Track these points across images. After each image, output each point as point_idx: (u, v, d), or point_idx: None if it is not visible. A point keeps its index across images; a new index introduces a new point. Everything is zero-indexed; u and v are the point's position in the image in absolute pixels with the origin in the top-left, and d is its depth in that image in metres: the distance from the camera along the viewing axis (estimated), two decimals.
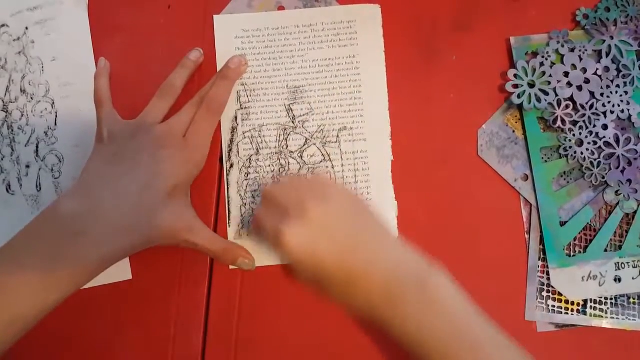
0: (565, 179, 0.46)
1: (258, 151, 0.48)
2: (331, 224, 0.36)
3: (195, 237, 0.43)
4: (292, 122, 0.48)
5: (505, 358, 0.34)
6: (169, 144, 0.44)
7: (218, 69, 0.48)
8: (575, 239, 0.46)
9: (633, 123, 0.46)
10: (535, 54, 0.48)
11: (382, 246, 0.37)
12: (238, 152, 0.48)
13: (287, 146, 0.48)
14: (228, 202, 0.47)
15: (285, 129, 0.48)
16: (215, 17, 0.50)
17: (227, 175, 0.47)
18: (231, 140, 0.48)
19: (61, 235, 0.39)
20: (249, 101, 0.48)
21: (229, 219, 0.47)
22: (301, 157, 0.47)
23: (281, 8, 0.50)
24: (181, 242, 0.43)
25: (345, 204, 0.38)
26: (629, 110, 0.46)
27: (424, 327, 0.34)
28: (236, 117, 0.48)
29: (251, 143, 0.48)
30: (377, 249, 0.36)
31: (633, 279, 0.45)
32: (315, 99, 0.48)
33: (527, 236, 0.46)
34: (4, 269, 0.38)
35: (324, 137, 0.47)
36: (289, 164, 0.47)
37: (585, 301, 0.45)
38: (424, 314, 0.34)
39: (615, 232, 0.46)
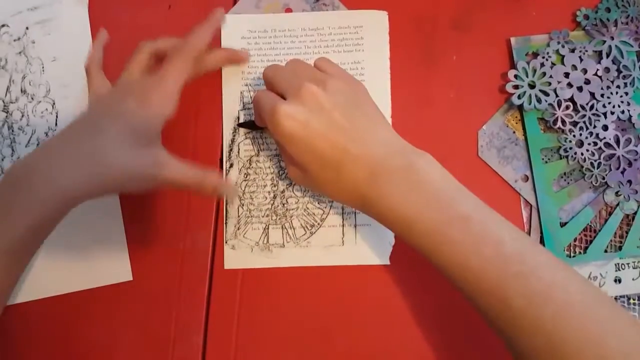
0: (565, 180, 0.46)
1: (259, 152, 0.48)
2: (327, 105, 0.37)
3: (164, 170, 0.40)
4: None
5: (493, 226, 0.35)
6: (123, 89, 0.44)
7: (222, 68, 0.49)
8: (575, 240, 0.46)
9: (633, 124, 0.46)
10: (535, 55, 0.48)
11: (374, 130, 0.38)
12: (239, 152, 0.48)
13: None
14: (225, 202, 0.47)
15: None
16: None
17: (226, 175, 0.47)
18: (232, 140, 0.48)
19: (11, 184, 0.37)
20: (251, 102, 0.48)
21: (226, 219, 0.47)
22: None
23: (288, 10, 0.50)
24: (150, 180, 0.40)
25: (343, 86, 0.39)
26: (629, 111, 0.46)
27: (409, 202, 0.35)
28: (238, 117, 0.48)
29: (252, 144, 0.48)
30: (368, 133, 0.38)
31: (633, 279, 0.45)
32: None
33: None
34: None
35: None
36: None
37: None
38: (409, 191, 0.35)
39: (615, 233, 0.46)
